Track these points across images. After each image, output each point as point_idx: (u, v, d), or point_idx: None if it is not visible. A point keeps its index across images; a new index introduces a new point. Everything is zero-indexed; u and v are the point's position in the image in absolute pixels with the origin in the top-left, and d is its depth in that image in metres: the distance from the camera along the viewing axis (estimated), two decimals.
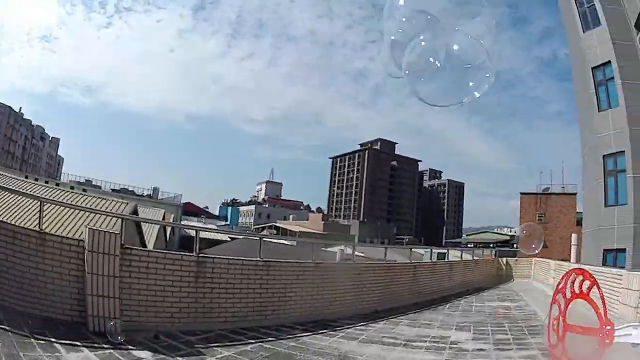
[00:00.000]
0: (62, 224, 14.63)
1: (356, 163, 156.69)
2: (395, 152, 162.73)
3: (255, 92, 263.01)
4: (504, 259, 25.72)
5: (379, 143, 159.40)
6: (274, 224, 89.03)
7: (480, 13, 4.66)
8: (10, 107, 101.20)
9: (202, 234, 30.55)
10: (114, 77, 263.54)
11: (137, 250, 7.50)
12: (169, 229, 30.41)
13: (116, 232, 7.22)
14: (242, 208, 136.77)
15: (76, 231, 12.46)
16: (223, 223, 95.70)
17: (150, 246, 20.81)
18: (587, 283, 3.68)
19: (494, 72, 4.71)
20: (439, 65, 4.60)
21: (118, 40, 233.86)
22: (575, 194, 41.61)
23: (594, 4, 21.33)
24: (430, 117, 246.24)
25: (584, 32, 22.14)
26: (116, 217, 10.79)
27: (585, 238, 23.30)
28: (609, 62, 20.30)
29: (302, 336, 8.05)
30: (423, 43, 4.59)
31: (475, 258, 22.80)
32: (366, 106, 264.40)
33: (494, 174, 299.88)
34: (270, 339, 7.61)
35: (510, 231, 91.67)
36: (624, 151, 19.35)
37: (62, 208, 15.22)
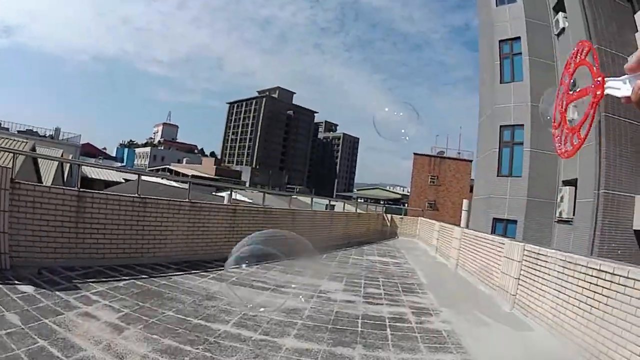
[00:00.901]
0: None
1: (253, 110, 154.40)
2: (293, 102, 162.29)
3: (162, 34, 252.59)
4: (389, 216, 26.17)
5: (277, 91, 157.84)
6: (168, 166, 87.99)
7: None
8: None
9: (99, 175, 29.95)
10: (35, 19, 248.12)
11: (26, 185, 7.44)
12: (66, 170, 29.23)
13: (8, 166, 7.14)
14: (138, 150, 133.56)
15: None
16: (119, 164, 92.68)
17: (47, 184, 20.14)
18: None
19: None
20: None
21: None
22: (471, 160, 41.54)
23: None
24: (332, 69, 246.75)
25: (496, 5, 22.63)
26: (7, 151, 10.44)
27: (475, 205, 24.04)
28: (519, 37, 21.05)
29: (174, 275, 8.32)
30: None
31: (358, 211, 22.99)
32: (269, 53, 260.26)
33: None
34: (143, 276, 7.82)
35: (403, 190, 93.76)
36: (523, 125, 20.12)
37: None
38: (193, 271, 8.84)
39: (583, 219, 16.16)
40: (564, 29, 19.25)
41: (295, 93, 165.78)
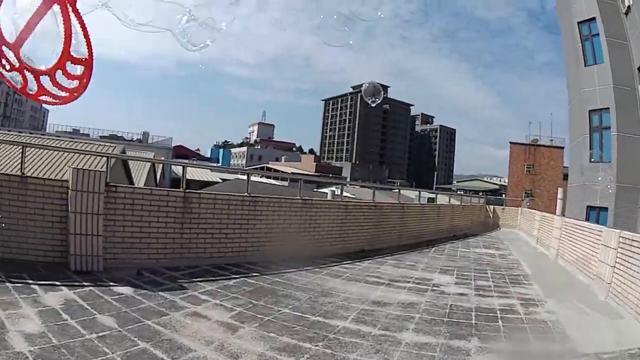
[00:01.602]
0: (47, 169, 14.57)
1: (348, 106, 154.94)
2: (388, 96, 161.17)
3: (244, 37, 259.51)
4: (492, 207, 25.90)
5: None
6: (266, 165, 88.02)
7: None
8: None
9: (194, 176, 30.69)
10: (96, 29, 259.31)
11: (123, 188, 7.46)
12: (159, 172, 30.29)
13: (102, 170, 7.17)
14: (233, 150, 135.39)
15: (63, 175, 12.38)
16: (214, 165, 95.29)
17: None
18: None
19: None
20: None
21: None
22: (562, 147, 41.06)
23: None
24: (421, 62, 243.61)
25: None
26: (100, 155, 10.68)
27: (570, 193, 23.10)
28: (594, 18, 19.90)
29: (286, 272, 8.18)
30: None
31: (463, 204, 22.95)
32: (357, 49, 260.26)
33: (485, 122, 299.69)
34: (254, 274, 7.74)
35: (500, 180, 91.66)
36: (608, 108, 19.12)
37: (47, 155, 15.09)
38: (306, 267, 8.78)
39: None
40: (629, 7, 17.93)
41: (389, 87, 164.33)
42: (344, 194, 24.53)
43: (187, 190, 8.10)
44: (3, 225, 6.50)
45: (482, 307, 6.83)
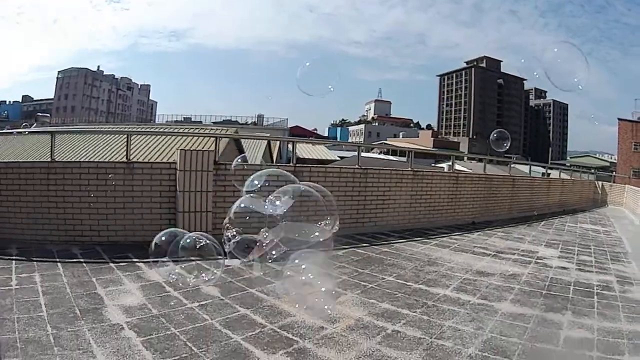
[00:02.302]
0: (157, 155, 15.22)
1: (463, 81, 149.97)
2: (501, 70, 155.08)
3: (353, 17, 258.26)
4: (600, 183, 25.36)
5: (484, 61, 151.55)
6: (384, 142, 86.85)
7: None
8: (86, 68, 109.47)
9: (310, 154, 30.82)
10: (200, 20, 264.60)
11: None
12: (275, 152, 30.78)
13: (210, 149, 7.64)
14: (351, 128, 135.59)
15: (170, 158, 12.84)
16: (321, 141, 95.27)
17: None
18: None
19: None
20: None
21: None
22: None
23: None
24: (531, 37, 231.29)
25: None
26: (209, 136, 11.11)
27: None
28: None
29: (395, 242, 8.53)
30: None
31: (573, 179, 22.30)
32: (467, 24, 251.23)
33: (596, 97, 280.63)
34: (364, 244, 8.08)
35: (611, 157, 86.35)
36: None
37: (155, 141, 15.89)
38: (416, 238, 9.00)
39: None
40: None
41: (502, 61, 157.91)
42: (461, 168, 24.50)
43: (297, 165, 8.47)
44: (91, 205, 7.08)
45: (580, 281, 6.72)
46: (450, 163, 14.35)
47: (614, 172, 38.60)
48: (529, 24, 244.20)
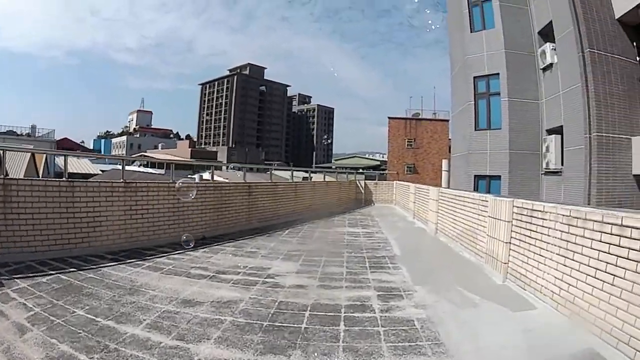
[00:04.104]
0: None
1: (225, 89, 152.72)
2: (265, 77, 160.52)
3: (130, 22, 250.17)
4: (362, 182, 25.54)
5: (247, 68, 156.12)
6: (143, 154, 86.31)
7: None
8: None
9: (75, 169, 29.44)
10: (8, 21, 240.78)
11: None
12: (41, 167, 28.58)
13: None
14: (114, 140, 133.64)
15: None
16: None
17: None
18: None
19: None
20: None
21: None
22: (447, 120, 39.89)
23: None
24: (302, 42, 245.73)
25: None
26: None
27: (454, 163, 23.11)
28: None
29: (104, 267, 7.44)
30: None
31: (326, 180, 22.30)
32: (237, 31, 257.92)
33: (369, 100, 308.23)
34: (72, 269, 7.05)
35: (382, 156, 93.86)
36: (498, 73, 19.02)
37: None
38: (129, 260, 7.97)
39: (573, 168, 14.99)
40: None
41: (266, 68, 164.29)
42: (219, 178, 23.52)
43: (6, 177, 7.52)
44: None
45: (322, 303, 5.73)
46: (202, 174, 13.40)
47: (386, 171, 40.91)
48: (301, 30, 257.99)
